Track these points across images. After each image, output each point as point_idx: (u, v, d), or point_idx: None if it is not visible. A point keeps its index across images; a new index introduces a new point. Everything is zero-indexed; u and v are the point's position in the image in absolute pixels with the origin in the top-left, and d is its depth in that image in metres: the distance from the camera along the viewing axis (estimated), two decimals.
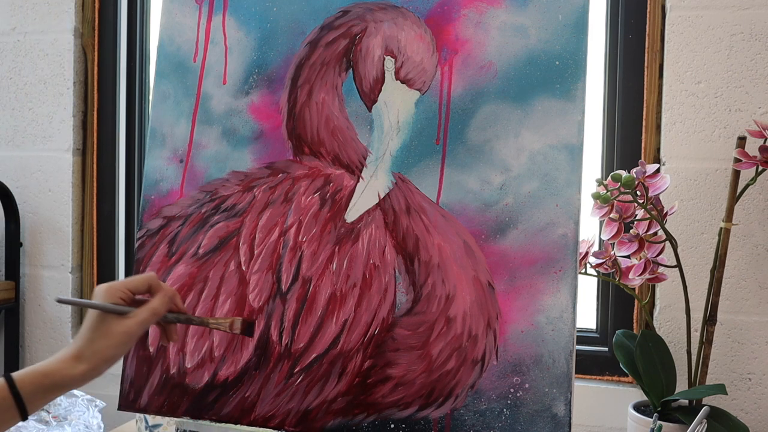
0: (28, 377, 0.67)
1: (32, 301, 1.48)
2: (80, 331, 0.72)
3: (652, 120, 1.17)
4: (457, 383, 0.81)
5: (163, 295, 0.75)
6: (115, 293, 0.72)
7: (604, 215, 1.02)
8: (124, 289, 0.73)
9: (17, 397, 0.66)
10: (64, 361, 0.69)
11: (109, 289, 0.73)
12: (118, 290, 0.73)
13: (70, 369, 0.69)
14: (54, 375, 0.68)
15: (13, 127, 1.48)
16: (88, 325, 0.71)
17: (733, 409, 1.11)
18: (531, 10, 0.85)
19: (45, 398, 0.68)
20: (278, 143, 0.91)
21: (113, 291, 0.72)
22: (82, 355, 0.70)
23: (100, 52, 1.46)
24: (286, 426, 0.85)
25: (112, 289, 0.73)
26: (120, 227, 1.48)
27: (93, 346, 0.70)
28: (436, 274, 0.83)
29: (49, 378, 0.68)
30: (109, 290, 0.72)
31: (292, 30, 0.93)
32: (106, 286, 0.73)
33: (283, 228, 0.89)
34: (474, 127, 0.85)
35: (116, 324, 0.71)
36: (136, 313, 0.73)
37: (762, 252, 1.11)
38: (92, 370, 0.70)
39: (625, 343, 1.07)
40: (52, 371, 0.68)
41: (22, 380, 0.67)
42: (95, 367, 0.70)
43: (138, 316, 0.73)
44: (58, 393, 0.69)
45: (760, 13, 1.11)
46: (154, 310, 0.74)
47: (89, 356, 0.70)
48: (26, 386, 0.67)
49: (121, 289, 0.73)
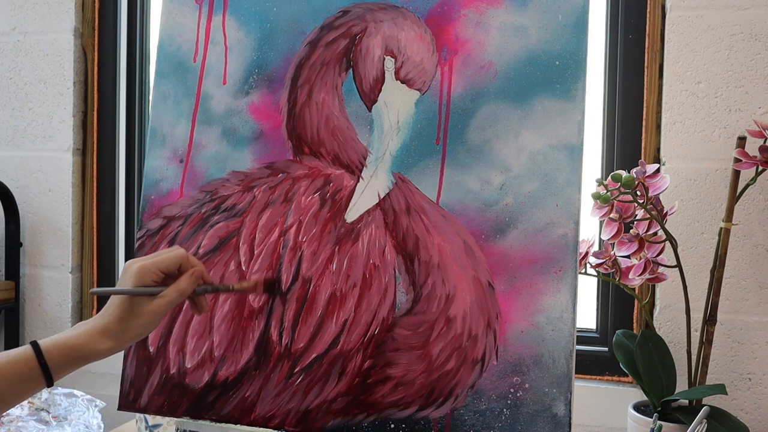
0: (56, 349, 0.69)
1: (32, 301, 1.48)
2: (108, 307, 0.73)
3: (652, 120, 1.17)
4: (457, 383, 0.81)
5: (191, 275, 0.76)
6: (147, 275, 0.73)
7: (604, 215, 1.02)
8: (155, 270, 0.74)
9: (44, 368, 0.68)
10: (91, 336, 0.71)
11: (141, 269, 0.73)
12: (149, 271, 0.73)
13: (97, 344, 0.70)
14: (81, 348, 0.70)
15: (13, 127, 1.48)
16: (117, 302, 0.72)
17: (733, 409, 1.11)
18: (531, 10, 0.85)
19: (70, 369, 0.70)
20: (278, 143, 0.91)
21: (144, 272, 0.73)
22: (110, 331, 0.71)
23: (100, 52, 1.46)
24: (286, 426, 0.85)
25: (144, 269, 0.73)
26: (120, 227, 1.48)
27: (121, 324, 0.72)
28: (436, 274, 0.83)
29: (76, 351, 0.70)
30: (141, 270, 0.73)
31: (292, 30, 0.93)
32: (139, 266, 0.73)
33: (283, 228, 0.89)
34: (474, 127, 0.85)
35: (146, 304, 0.73)
36: (165, 293, 0.74)
37: (762, 252, 1.11)
38: (118, 346, 0.72)
39: (625, 343, 1.07)
40: (80, 345, 0.70)
41: (50, 351, 0.68)
42: (121, 343, 0.72)
43: (167, 296, 0.74)
44: (82, 364, 0.71)
45: (760, 13, 1.11)
46: (182, 291, 0.75)
47: (117, 333, 0.71)
48: (53, 357, 0.68)
49: (153, 270, 0.74)
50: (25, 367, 0.67)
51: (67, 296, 1.45)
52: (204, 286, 0.79)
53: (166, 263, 0.75)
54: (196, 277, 0.77)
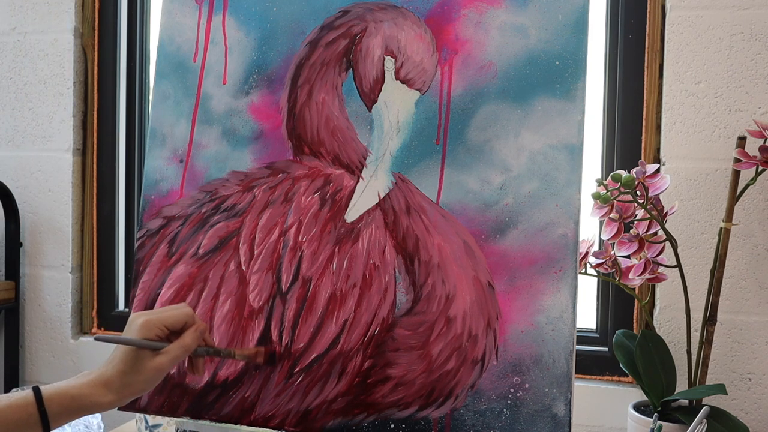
0: (57, 397, 0.69)
1: (32, 301, 1.48)
2: (111, 359, 0.73)
3: (652, 120, 1.17)
4: (457, 383, 0.81)
5: (195, 330, 0.76)
6: (151, 329, 0.73)
7: (604, 215, 1.02)
8: (160, 325, 0.74)
9: (43, 415, 0.68)
10: (93, 387, 0.71)
11: (146, 323, 0.73)
12: (154, 326, 0.74)
13: (98, 397, 0.71)
14: (82, 399, 0.70)
15: (13, 127, 1.48)
16: (121, 356, 0.72)
17: (733, 409, 1.11)
18: (531, 10, 0.85)
19: (68, 418, 0.70)
20: (278, 143, 0.91)
21: (150, 326, 0.73)
22: (112, 385, 0.71)
23: (100, 52, 1.46)
24: (286, 426, 0.85)
25: (150, 324, 0.73)
26: (120, 227, 1.48)
27: (124, 379, 0.72)
28: (436, 274, 0.83)
29: (77, 402, 0.70)
30: (146, 325, 0.73)
31: (292, 30, 0.93)
32: (144, 320, 0.73)
33: (283, 228, 0.89)
34: (474, 127, 0.85)
35: (149, 359, 0.73)
36: (168, 349, 0.74)
37: (762, 252, 1.11)
38: (119, 400, 0.72)
39: (625, 343, 1.07)
40: (81, 396, 0.70)
41: (51, 398, 0.69)
42: (122, 398, 0.72)
43: (171, 352, 0.74)
44: (81, 415, 0.71)
45: (760, 13, 1.11)
46: (186, 347, 0.75)
47: (119, 387, 0.71)
48: (53, 406, 0.69)
49: (158, 325, 0.74)
50: (25, 413, 0.67)
51: (67, 296, 1.45)
52: (206, 348, 0.80)
53: (172, 320, 0.75)
54: (200, 332, 0.77)
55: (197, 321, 0.77)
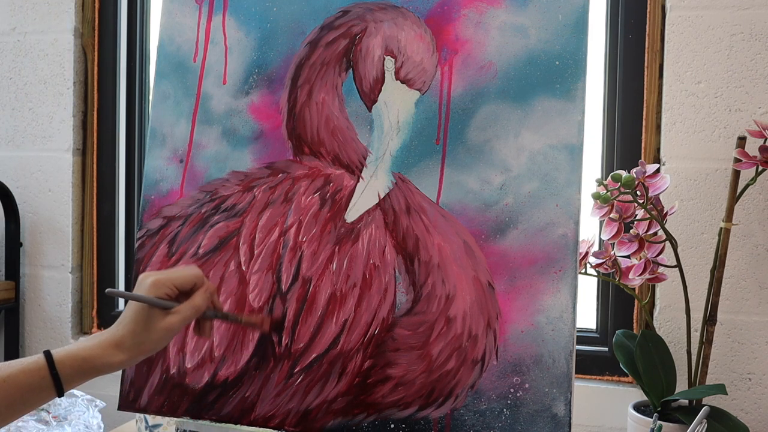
0: (68, 360, 0.69)
1: (32, 301, 1.48)
2: (122, 320, 0.73)
3: (652, 120, 1.17)
4: (457, 383, 0.81)
5: (205, 291, 0.76)
6: (161, 288, 0.73)
7: (604, 215, 1.02)
8: (170, 285, 0.74)
9: (56, 378, 0.68)
10: (104, 348, 0.71)
11: (156, 282, 0.73)
12: (164, 285, 0.73)
13: (109, 357, 0.71)
14: (94, 360, 0.70)
15: (13, 127, 1.48)
16: (132, 316, 0.72)
17: (733, 409, 1.11)
18: (531, 10, 0.85)
19: (81, 380, 0.71)
20: (278, 143, 0.91)
21: (159, 285, 0.73)
22: (123, 345, 0.71)
23: (100, 52, 1.46)
24: (286, 426, 0.85)
25: (159, 283, 0.73)
26: (120, 227, 1.48)
27: (135, 338, 0.72)
28: (436, 274, 0.83)
29: (88, 363, 0.70)
30: (155, 284, 0.73)
31: (292, 30, 0.93)
32: (154, 279, 0.73)
33: (283, 228, 0.89)
34: (474, 127, 0.85)
35: (160, 319, 0.73)
36: (179, 309, 0.74)
37: (762, 252, 1.11)
38: (130, 360, 0.72)
39: (625, 343, 1.07)
40: (92, 357, 0.70)
41: (62, 362, 0.69)
42: (133, 357, 0.72)
43: (181, 313, 0.74)
44: (94, 376, 0.71)
45: (760, 13, 1.11)
46: (196, 308, 0.75)
47: (130, 347, 0.72)
48: (65, 368, 0.69)
49: (168, 284, 0.74)
50: (38, 377, 0.68)
51: (67, 296, 1.45)
52: (214, 312, 0.80)
53: (181, 280, 0.75)
54: (210, 294, 0.77)
55: (207, 282, 0.77)
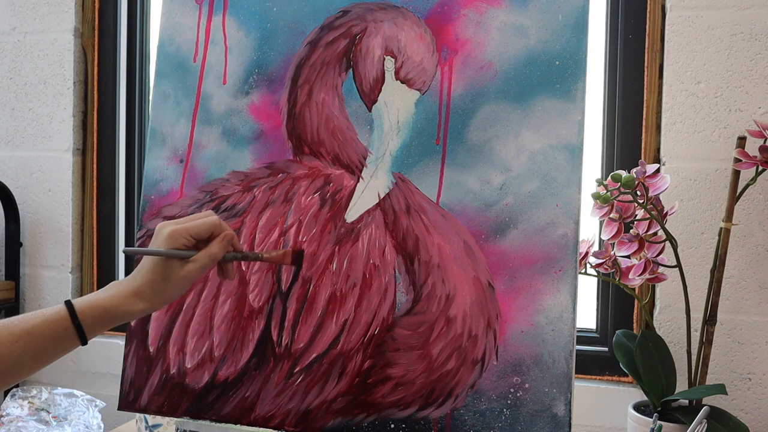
0: (89, 309, 0.70)
1: (32, 301, 1.48)
2: (140, 269, 0.74)
3: (652, 120, 1.17)
4: (457, 383, 0.81)
5: (222, 239, 0.76)
6: (178, 238, 0.74)
7: (604, 215, 1.02)
8: (186, 235, 0.74)
9: (78, 328, 0.69)
10: (124, 297, 0.72)
11: (172, 233, 0.73)
12: (181, 236, 0.74)
13: (130, 305, 0.72)
14: (114, 309, 0.71)
15: (13, 127, 1.48)
16: (150, 266, 0.73)
17: (733, 409, 1.11)
18: (531, 10, 0.85)
19: (103, 328, 0.72)
20: (278, 143, 0.91)
21: (176, 236, 0.73)
22: (143, 294, 0.72)
23: (100, 52, 1.46)
24: (286, 426, 0.85)
25: (176, 233, 0.74)
26: (120, 227, 1.48)
27: (154, 287, 0.73)
28: (436, 274, 0.83)
29: (109, 312, 0.71)
30: (172, 234, 0.73)
31: (292, 30, 0.93)
32: (170, 230, 0.74)
33: (283, 228, 0.89)
34: (474, 127, 0.85)
35: (177, 268, 0.73)
36: (197, 258, 0.74)
37: (762, 252, 1.11)
38: (150, 308, 0.73)
39: (625, 343, 1.07)
40: (113, 306, 0.71)
41: (83, 312, 0.70)
42: (154, 305, 0.73)
43: (198, 261, 0.74)
44: (114, 324, 0.72)
45: (760, 13, 1.11)
46: (213, 256, 0.76)
47: (149, 295, 0.72)
48: (87, 318, 0.70)
49: (184, 234, 0.74)
50: (60, 327, 0.69)
51: (67, 296, 1.45)
52: (234, 253, 0.79)
53: (198, 229, 0.75)
54: (227, 242, 0.77)
55: (225, 228, 0.77)
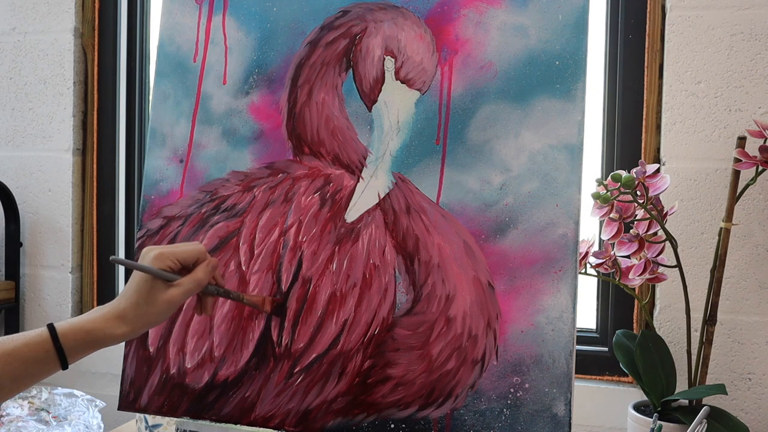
0: (72, 332, 0.69)
1: (32, 301, 1.48)
2: (125, 292, 0.74)
3: (652, 120, 1.17)
4: (457, 383, 0.81)
5: (207, 265, 0.77)
6: (164, 260, 0.74)
7: (604, 215, 1.02)
8: (173, 258, 0.74)
9: (60, 351, 0.68)
10: (107, 320, 0.71)
11: (159, 255, 0.73)
12: (167, 258, 0.74)
13: (112, 329, 0.71)
14: (96, 333, 0.70)
15: (13, 127, 1.48)
16: (134, 287, 0.73)
17: (733, 409, 1.11)
18: (531, 10, 0.85)
19: (85, 352, 0.71)
20: (278, 143, 0.91)
21: (162, 258, 0.73)
22: (126, 317, 0.72)
23: (100, 52, 1.46)
24: (286, 426, 0.85)
25: (162, 256, 0.74)
26: (120, 227, 1.48)
27: (137, 310, 0.72)
28: (436, 274, 0.83)
29: (92, 335, 0.70)
30: (159, 257, 0.73)
31: (292, 30, 0.93)
32: (157, 253, 0.74)
33: (283, 228, 0.89)
34: (474, 127, 0.85)
35: (162, 291, 0.73)
36: (181, 282, 0.74)
37: (762, 252, 1.11)
38: (133, 332, 0.72)
39: (625, 343, 1.07)
40: (95, 329, 0.70)
41: (65, 334, 0.69)
42: (136, 329, 0.72)
43: (183, 285, 0.74)
44: (97, 348, 0.71)
45: (760, 13, 1.11)
46: (198, 282, 0.75)
47: (132, 319, 0.72)
48: (69, 341, 0.69)
49: (171, 258, 0.74)
50: (41, 350, 0.68)
51: (67, 296, 1.45)
52: (216, 287, 0.80)
53: (184, 254, 0.75)
54: (212, 268, 0.77)
55: (209, 257, 0.78)
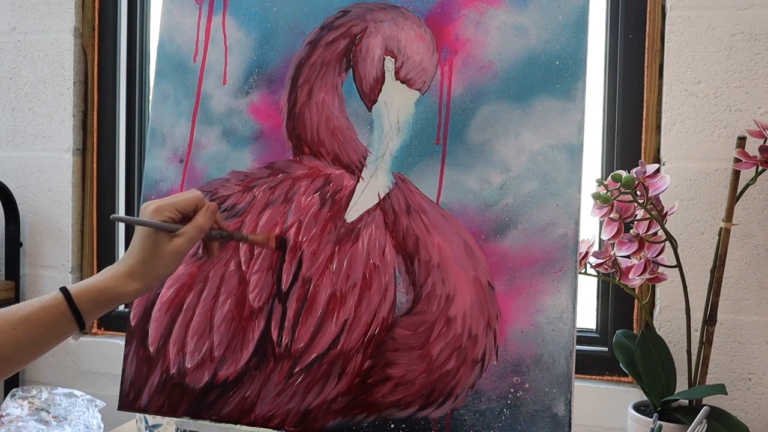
0: (85, 293, 0.71)
1: None
2: (130, 250, 0.75)
3: (652, 120, 1.17)
4: (457, 383, 0.81)
5: (206, 211, 0.77)
6: (163, 212, 0.74)
7: (604, 215, 1.02)
8: (172, 209, 0.75)
9: (75, 312, 0.70)
10: (118, 279, 0.72)
11: (158, 208, 0.74)
12: (166, 210, 0.74)
13: (124, 286, 0.72)
14: (110, 291, 0.72)
15: (13, 127, 1.48)
16: (139, 244, 0.74)
17: (733, 409, 1.11)
18: (531, 10, 0.85)
19: (100, 312, 0.72)
20: (278, 143, 0.91)
21: (161, 210, 0.74)
22: (135, 273, 0.73)
23: (100, 52, 1.46)
24: (286, 426, 0.85)
25: (161, 208, 0.74)
26: (120, 227, 1.48)
27: (145, 266, 0.73)
28: (436, 274, 0.83)
29: (105, 294, 0.71)
30: (157, 209, 0.74)
31: (292, 30, 0.93)
32: (155, 206, 0.74)
33: (283, 228, 0.89)
34: (474, 127, 0.85)
35: (166, 243, 0.74)
36: (184, 230, 0.75)
37: (762, 252, 1.11)
38: (145, 287, 0.74)
39: (625, 343, 1.07)
40: (108, 288, 0.72)
41: (79, 295, 0.70)
42: (148, 284, 0.74)
43: (186, 234, 0.75)
44: (111, 307, 0.73)
45: (760, 13, 1.11)
46: (200, 227, 0.76)
47: (142, 274, 0.73)
48: (83, 302, 0.70)
49: (169, 209, 0.75)
50: (58, 312, 0.69)
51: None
52: (219, 231, 0.81)
53: (182, 203, 0.76)
54: (211, 212, 0.78)
55: (208, 203, 0.78)
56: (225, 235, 0.82)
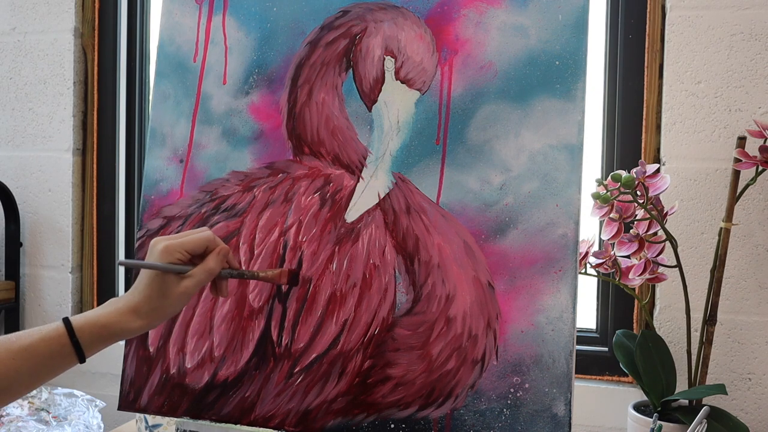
0: (87, 326, 0.70)
1: (32, 301, 1.48)
2: (137, 285, 0.73)
3: (652, 120, 1.17)
4: (457, 383, 0.81)
5: (218, 254, 0.76)
6: (172, 253, 0.73)
7: (604, 215, 1.02)
8: (182, 250, 0.74)
9: (76, 345, 0.69)
10: (122, 314, 0.71)
11: (166, 248, 0.73)
12: (175, 251, 0.73)
13: (128, 323, 0.71)
14: (113, 327, 0.71)
15: (13, 127, 1.48)
16: (146, 281, 0.73)
17: (733, 409, 1.11)
18: (531, 10, 0.85)
19: (101, 346, 0.71)
20: (278, 143, 0.91)
21: (171, 251, 0.73)
22: (140, 311, 0.72)
23: (100, 52, 1.46)
24: (286, 426, 0.85)
25: (170, 248, 0.73)
26: (120, 227, 1.48)
27: (151, 304, 0.72)
28: (436, 274, 0.83)
29: (107, 329, 0.71)
30: (166, 250, 0.73)
31: (292, 30, 0.93)
32: (164, 245, 0.73)
33: (283, 228, 0.89)
34: (474, 127, 0.85)
35: (174, 284, 0.73)
36: (193, 273, 0.74)
37: (762, 252, 1.11)
38: (149, 325, 0.73)
39: (625, 343, 1.07)
40: (111, 323, 0.71)
41: (81, 328, 0.69)
42: (151, 322, 0.73)
43: (195, 276, 0.74)
44: (113, 342, 0.72)
45: (760, 13, 1.11)
46: (210, 271, 0.75)
47: (147, 312, 0.72)
48: (85, 335, 0.69)
49: (179, 250, 0.74)
50: (58, 345, 0.68)
51: (67, 296, 1.45)
52: (229, 270, 0.79)
53: (192, 244, 0.75)
54: (223, 256, 0.77)
55: (219, 244, 0.77)
56: (235, 274, 0.80)
